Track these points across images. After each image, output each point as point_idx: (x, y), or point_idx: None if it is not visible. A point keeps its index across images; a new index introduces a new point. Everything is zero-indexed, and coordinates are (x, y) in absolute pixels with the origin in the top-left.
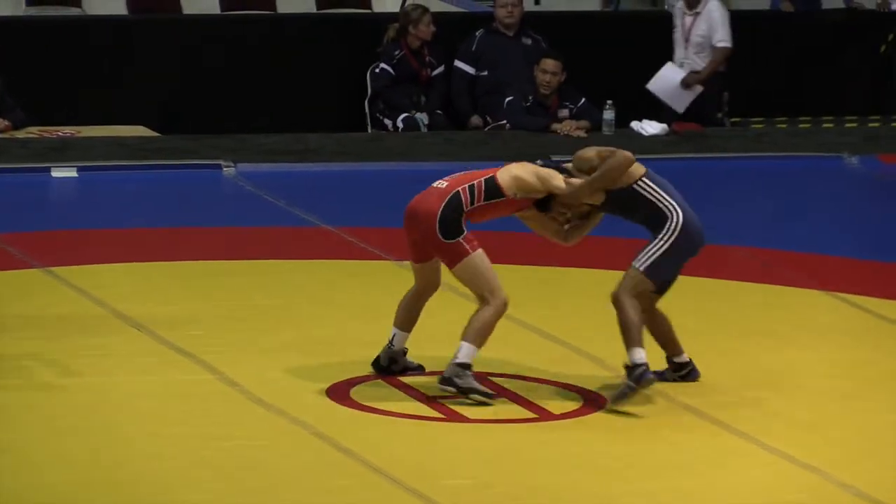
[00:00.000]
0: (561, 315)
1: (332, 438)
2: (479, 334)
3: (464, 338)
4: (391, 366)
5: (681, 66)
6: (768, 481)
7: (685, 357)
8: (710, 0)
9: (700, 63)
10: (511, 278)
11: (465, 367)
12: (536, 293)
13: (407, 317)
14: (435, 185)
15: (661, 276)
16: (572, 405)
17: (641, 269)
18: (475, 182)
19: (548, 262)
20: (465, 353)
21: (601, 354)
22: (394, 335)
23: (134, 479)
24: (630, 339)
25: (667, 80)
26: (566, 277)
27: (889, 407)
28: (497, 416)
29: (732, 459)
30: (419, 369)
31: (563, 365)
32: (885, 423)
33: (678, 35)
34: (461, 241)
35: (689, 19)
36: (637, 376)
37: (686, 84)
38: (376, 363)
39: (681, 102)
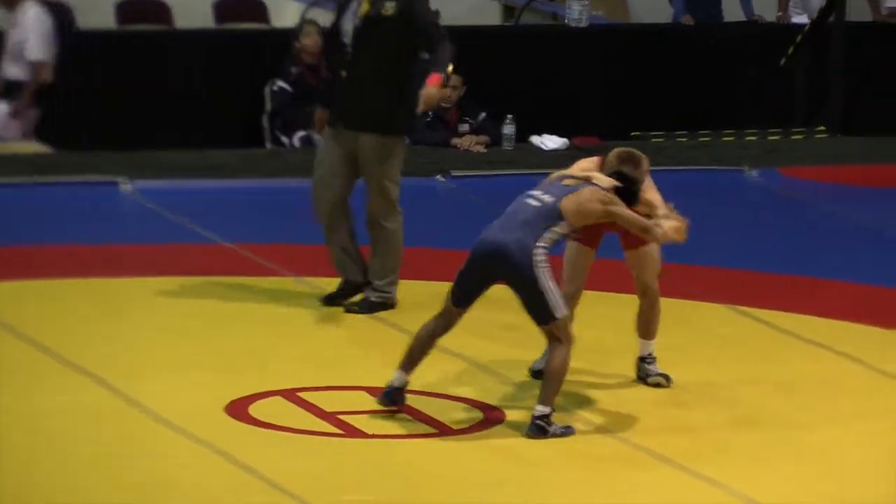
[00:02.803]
0: (458, 329)
1: (234, 456)
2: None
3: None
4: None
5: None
6: (669, 494)
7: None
8: (31, 7)
9: (18, 73)
10: (408, 293)
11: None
12: (433, 307)
13: None
14: None
15: (455, 288)
16: (472, 419)
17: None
18: None
19: (442, 276)
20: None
21: (501, 368)
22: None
23: (36, 501)
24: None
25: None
26: None
27: (783, 419)
28: (397, 431)
29: (633, 473)
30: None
31: (462, 379)
32: (780, 436)
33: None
34: None
35: (12, 26)
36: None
37: (15, 112)
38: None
39: (8, 131)
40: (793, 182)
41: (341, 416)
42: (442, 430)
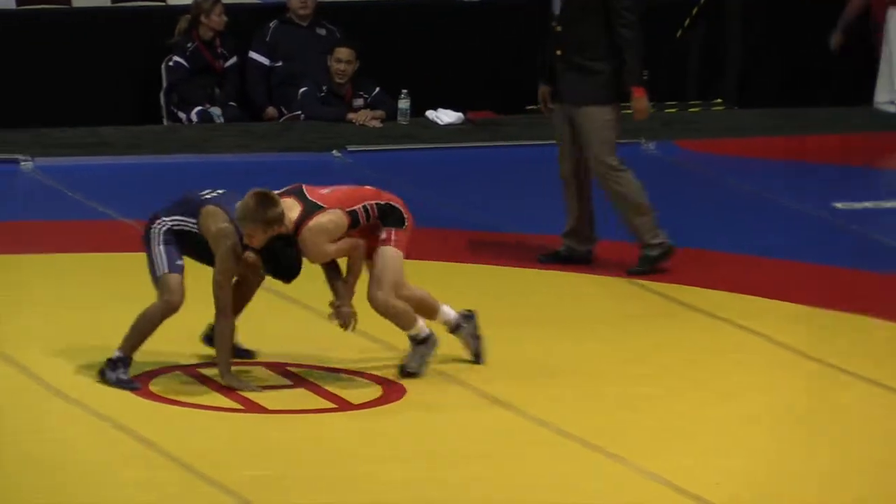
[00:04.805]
0: (357, 305)
1: (133, 430)
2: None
3: None
4: None
5: None
6: (569, 470)
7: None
8: None
9: None
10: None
11: None
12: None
13: None
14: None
15: None
16: (371, 394)
17: None
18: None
19: None
20: None
21: (401, 344)
22: None
23: None
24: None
25: None
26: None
27: (682, 394)
28: (296, 406)
29: (532, 448)
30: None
31: (361, 354)
32: (680, 410)
33: None
34: None
35: None
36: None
37: None
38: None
39: None
40: (689, 154)
41: (241, 391)
42: (341, 405)
